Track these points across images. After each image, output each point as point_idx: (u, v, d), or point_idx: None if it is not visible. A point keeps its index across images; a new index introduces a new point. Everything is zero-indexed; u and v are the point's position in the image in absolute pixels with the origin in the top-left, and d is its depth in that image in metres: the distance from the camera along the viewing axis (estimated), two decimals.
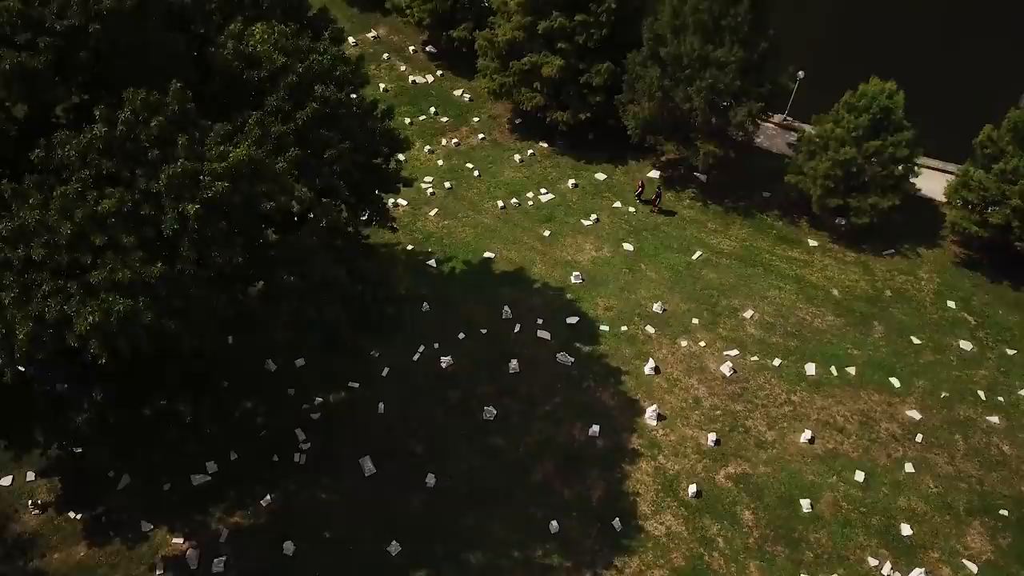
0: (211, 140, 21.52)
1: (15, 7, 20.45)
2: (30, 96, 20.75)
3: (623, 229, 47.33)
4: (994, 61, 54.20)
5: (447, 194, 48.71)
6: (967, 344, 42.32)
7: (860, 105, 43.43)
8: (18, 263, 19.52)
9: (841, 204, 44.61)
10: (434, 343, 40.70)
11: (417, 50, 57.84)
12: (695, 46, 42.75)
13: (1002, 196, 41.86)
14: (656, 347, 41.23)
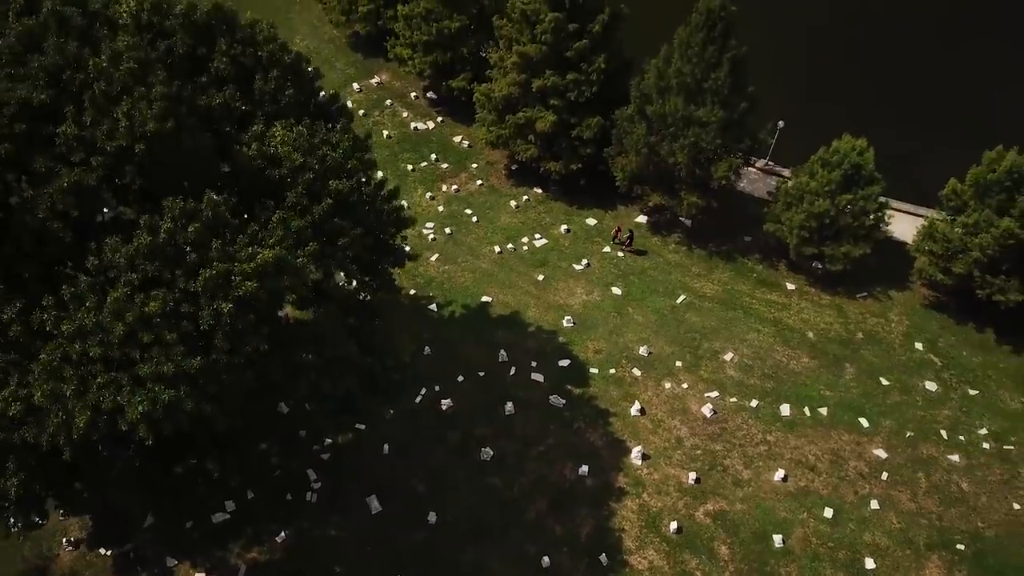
0: (241, 241, 24.59)
1: (71, 132, 23.50)
2: (82, 206, 23.77)
3: (612, 273, 50.37)
4: (967, 109, 57.51)
5: (447, 239, 51.75)
6: (932, 385, 45.37)
7: (833, 161, 46.47)
8: (76, 358, 22.57)
9: (816, 252, 47.65)
10: (435, 385, 43.76)
11: (418, 96, 60.82)
12: (679, 106, 45.79)
13: (964, 247, 44.89)
14: (642, 389, 44.28)
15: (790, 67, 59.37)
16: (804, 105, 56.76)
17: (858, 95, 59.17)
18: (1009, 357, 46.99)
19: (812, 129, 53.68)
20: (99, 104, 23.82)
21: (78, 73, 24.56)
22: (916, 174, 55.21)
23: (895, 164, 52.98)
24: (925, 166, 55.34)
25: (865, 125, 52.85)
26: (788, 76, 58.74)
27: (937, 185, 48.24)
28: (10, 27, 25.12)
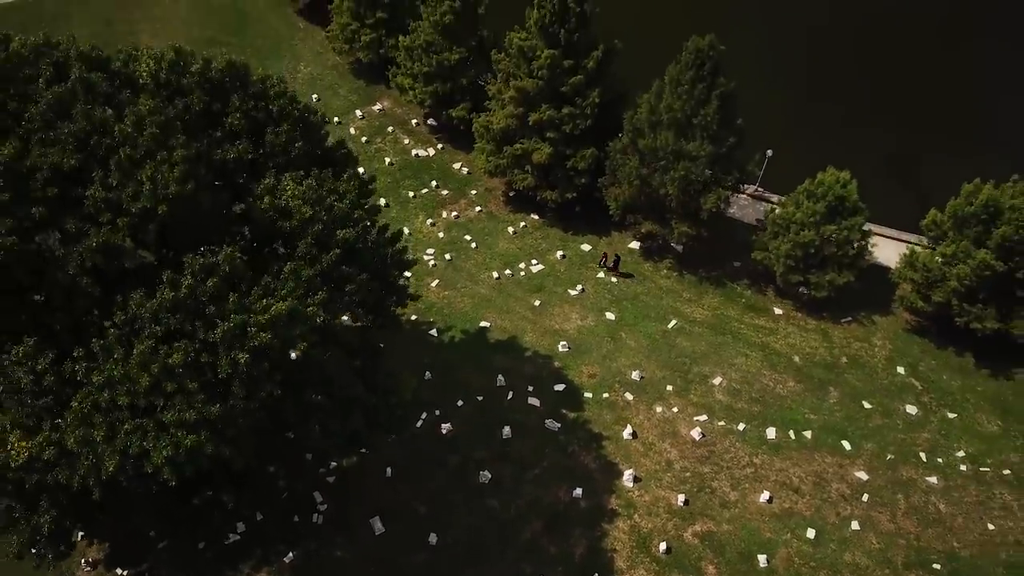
0: (255, 293, 26.51)
1: (100, 195, 25.42)
2: (109, 263, 25.69)
3: (606, 298, 52.28)
4: (949, 140, 59.56)
5: (447, 265, 53.66)
6: (913, 408, 47.29)
7: (818, 192, 48.41)
8: (105, 405, 24.48)
9: (802, 280, 49.57)
10: (435, 410, 45.68)
11: (419, 123, 62.71)
12: (669, 141, 47.72)
13: (943, 277, 46.82)
14: (634, 413, 46.20)
15: (779, 94, 61.34)
16: (793, 131, 58.78)
17: (848, 117, 61.05)
18: (987, 381, 48.90)
19: (800, 155, 56.08)
20: (125, 168, 25.74)
21: (104, 138, 26.49)
22: (902, 199, 57.12)
23: (880, 193, 55.10)
24: (910, 192, 57.44)
25: (853, 150, 55.33)
26: (777, 103, 60.77)
27: (925, 206, 50.11)
28: (41, 94, 27.04)
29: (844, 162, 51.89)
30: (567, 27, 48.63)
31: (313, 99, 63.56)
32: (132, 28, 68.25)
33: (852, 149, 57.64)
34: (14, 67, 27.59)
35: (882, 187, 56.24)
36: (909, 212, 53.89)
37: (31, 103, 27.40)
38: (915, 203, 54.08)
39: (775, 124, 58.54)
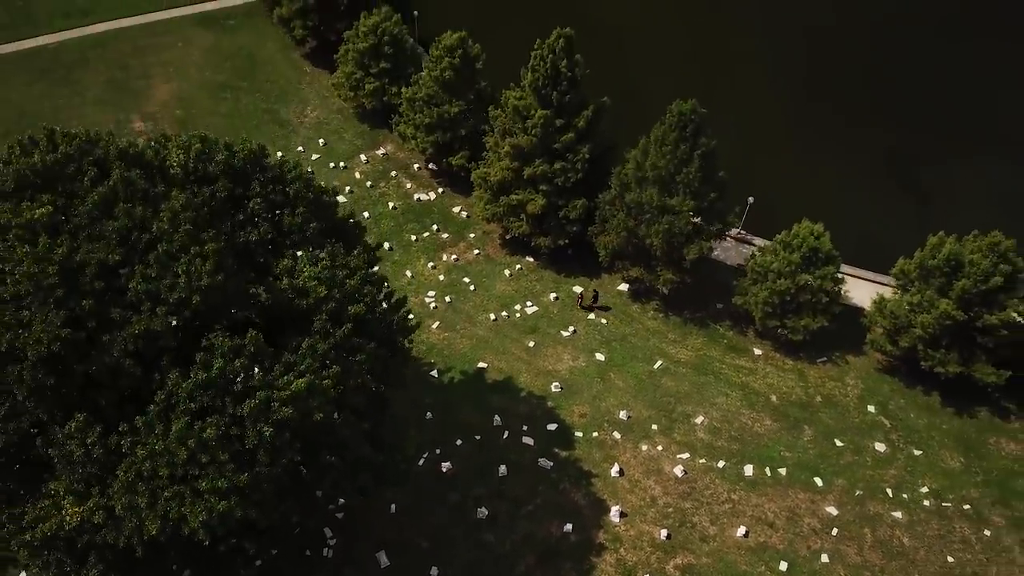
0: (277, 370, 29.97)
1: (142, 288, 28.87)
2: (148, 345, 29.16)
3: (596, 339, 55.73)
4: (922, 189, 63.28)
5: (447, 307, 57.10)
6: (881, 446, 50.75)
7: (793, 243, 51.87)
8: (147, 474, 27.91)
9: (779, 324, 53.01)
10: (436, 449, 49.11)
11: (421, 167, 66.08)
12: (654, 196, 51.17)
13: (909, 324, 50.26)
14: (621, 451, 49.65)
15: (762, 140, 64.85)
16: (774, 178, 62.13)
17: (827, 164, 64.50)
18: (952, 419, 52.39)
19: (783, 198, 59.80)
20: (163, 262, 29.18)
21: (144, 233, 29.94)
22: (877, 242, 60.45)
23: (856, 236, 58.73)
24: (885, 236, 60.82)
25: (833, 196, 59.10)
26: (761, 148, 64.29)
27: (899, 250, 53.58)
28: (87, 192, 30.49)
29: (823, 207, 55.87)
30: (559, 89, 52.06)
31: (320, 143, 66.95)
32: (147, 72, 71.59)
33: (832, 195, 61.49)
34: (61, 167, 30.98)
35: (860, 230, 59.92)
36: (884, 255, 57.12)
37: (76, 199, 30.85)
38: (890, 246, 57.35)
39: (759, 169, 62.05)
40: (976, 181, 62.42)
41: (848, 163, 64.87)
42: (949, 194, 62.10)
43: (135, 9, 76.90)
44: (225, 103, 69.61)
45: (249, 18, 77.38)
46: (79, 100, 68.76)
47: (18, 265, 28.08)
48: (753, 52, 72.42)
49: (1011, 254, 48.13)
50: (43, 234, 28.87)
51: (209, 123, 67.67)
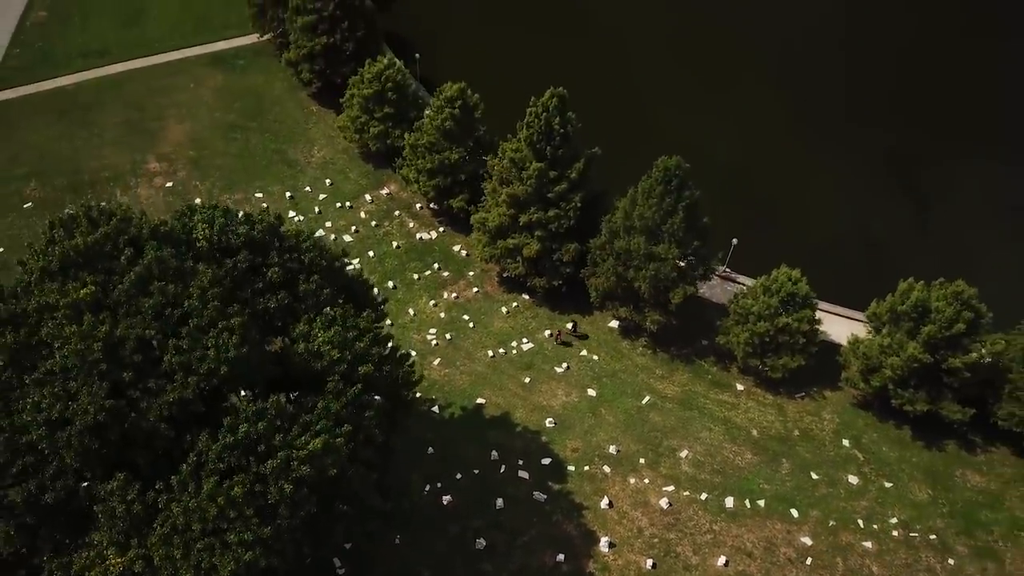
0: (295, 431, 33.43)
1: (176, 360, 32.34)
2: (181, 411, 32.61)
3: (588, 375, 59.16)
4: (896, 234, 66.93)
5: (448, 344, 60.52)
6: (854, 478, 54.18)
7: (773, 288, 55.30)
8: (181, 528, 31.36)
9: (759, 363, 56.46)
10: (437, 482, 52.53)
11: (423, 207, 69.47)
12: (641, 245, 54.61)
13: (880, 364, 53.69)
14: (611, 484, 53.09)
15: (749, 179, 68.45)
16: (758, 220, 65.68)
17: (806, 210, 68.07)
18: (922, 452, 55.85)
19: (767, 238, 63.31)
20: (194, 336, 32.63)
21: (176, 309, 33.39)
22: (857, 281, 63.90)
23: (835, 276, 62.34)
24: (864, 276, 64.34)
25: (814, 239, 62.68)
26: (745, 189, 67.90)
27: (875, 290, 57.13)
28: (124, 271, 33.94)
29: (804, 248, 59.52)
30: (552, 144, 55.52)
31: (327, 183, 70.34)
32: (161, 113, 74.96)
33: (812, 238, 65.14)
34: (100, 246, 34.42)
35: (838, 269, 63.53)
36: (862, 293, 60.43)
37: (115, 275, 34.30)
38: (868, 287, 60.77)
39: (746, 209, 65.69)
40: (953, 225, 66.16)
41: (828, 206, 68.43)
42: (920, 240, 65.84)
43: (149, 49, 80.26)
44: (236, 143, 72.97)
45: (257, 57, 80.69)
46: (97, 141, 72.10)
47: (66, 342, 31.51)
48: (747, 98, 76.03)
49: (974, 301, 51.54)
50: (87, 312, 32.31)
51: (221, 163, 71.19)
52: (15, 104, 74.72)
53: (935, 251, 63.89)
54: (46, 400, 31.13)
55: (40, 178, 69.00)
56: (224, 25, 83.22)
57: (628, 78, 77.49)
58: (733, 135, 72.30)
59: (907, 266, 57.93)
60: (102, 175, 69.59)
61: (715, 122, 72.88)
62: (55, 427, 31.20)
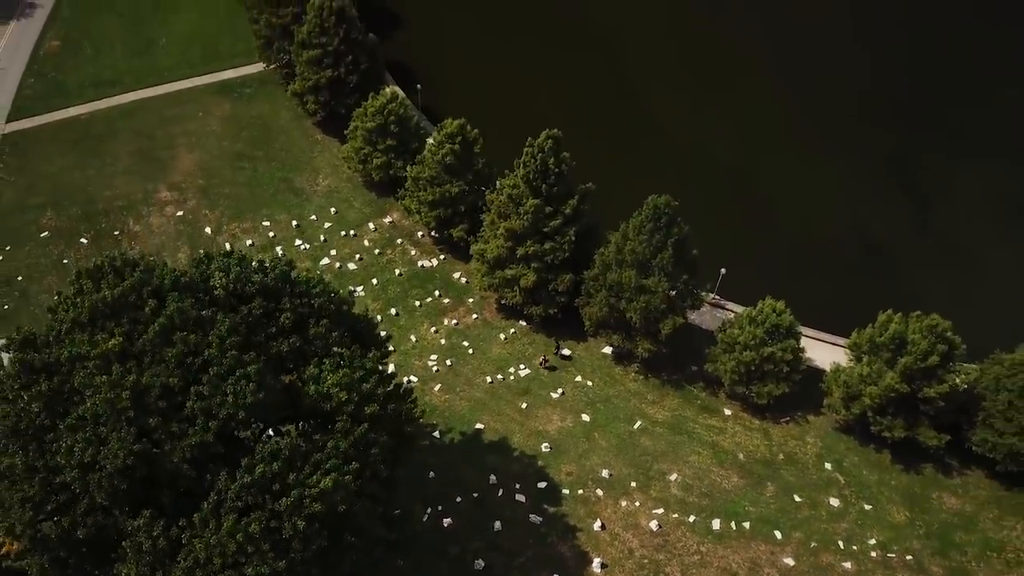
0: (306, 470, 36.12)
1: (198, 406, 35.06)
2: (202, 453, 35.32)
3: (583, 401, 61.85)
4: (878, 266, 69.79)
5: (448, 370, 63.21)
6: (835, 501, 56.87)
7: (758, 319, 57.99)
8: (203, 561, 34.06)
9: (746, 390, 59.17)
10: (438, 506, 55.23)
11: (424, 234, 72.09)
12: (632, 278, 57.32)
13: (860, 393, 56.38)
14: (603, 507, 55.79)
15: (734, 215, 71.27)
16: (745, 249, 68.43)
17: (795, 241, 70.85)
18: (900, 475, 58.54)
19: (755, 268, 66.12)
20: (214, 383, 35.35)
21: (197, 358, 36.10)
22: (841, 308, 66.59)
23: (821, 303, 65.12)
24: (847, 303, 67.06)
25: (799, 269, 65.54)
26: (732, 221, 70.68)
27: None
28: (148, 319, 36.64)
29: (789, 277, 62.47)
30: (548, 182, 58.23)
31: (332, 212, 72.99)
32: (171, 142, 77.60)
33: (798, 268, 67.91)
34: (126, 297, 37.12)
35: (823, 297, 66.29)
36: (846, 320, 63.18)
37: (140, 324, 37.02)
38: (851, 312, 63.50)
39: (734, 240, 68.47)
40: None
41: (814, 234, 71.19)
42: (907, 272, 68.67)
43: (159, 79, 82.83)
44: (244, 172, 75.62)
45: (263, 86, 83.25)
46: (110, 170, 74.74)
47: (97, 391, 34.22)
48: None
49: (948, 334, 54.24)
50: (115, 362, 35.02)
51: (230, 192, 73.87)
52: (31, 134, 77.33)
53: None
54: (79, 445, 33.83)
55: (55, 208, 71.64)
56: (232, 54, 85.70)
57: (626, 99, 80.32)
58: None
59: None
60: (115, 204, 72.23)
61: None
62: (87, 469, 33.90)
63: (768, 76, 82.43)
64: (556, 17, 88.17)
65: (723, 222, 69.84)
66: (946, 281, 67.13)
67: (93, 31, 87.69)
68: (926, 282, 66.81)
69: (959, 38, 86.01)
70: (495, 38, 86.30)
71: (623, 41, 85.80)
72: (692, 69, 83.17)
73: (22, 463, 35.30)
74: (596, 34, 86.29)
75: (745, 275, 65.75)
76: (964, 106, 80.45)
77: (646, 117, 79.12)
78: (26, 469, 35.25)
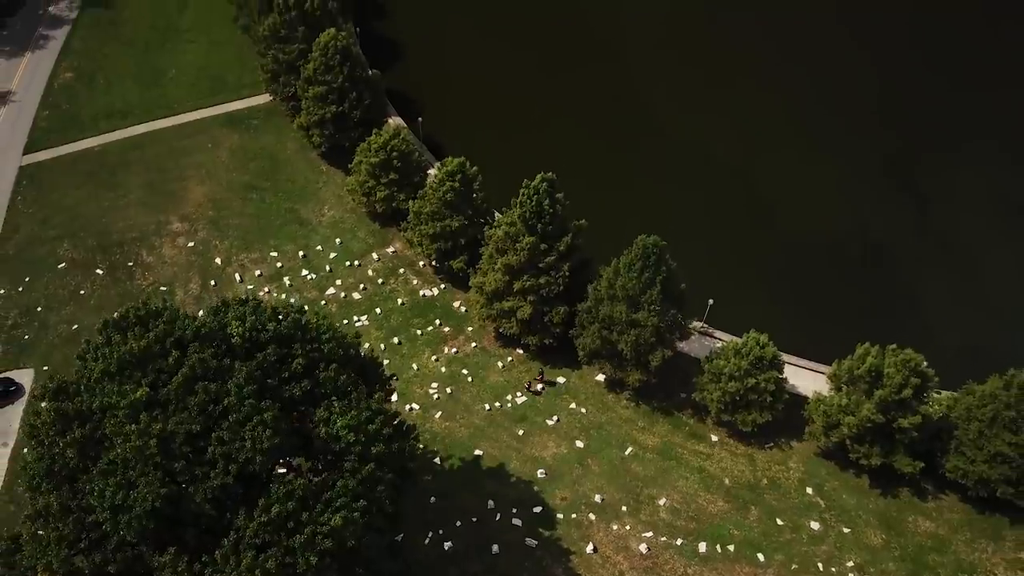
0: (319, 508, 39.21)
1: (219, 451, 38.15)
2: (224, 493, 38.42)
3: (577, 427, 64.93)
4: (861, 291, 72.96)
5: (448, 398, 66.27)
6: (816, 524, 59.96)
7: (743, 351, 61.08)
8: None
9: (731, 418, 62.27)
10: (439, 529, 58.32)
11: (425, 264, 75.10)
12: (623, 313, 60.42)
13: (839, 422, 59.48)
14: (595, 531, 58.87)
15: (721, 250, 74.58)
16: (733, 283, 71.55)
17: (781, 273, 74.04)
18: (878, 499, 61.61)
19: (740, 297, 69.26)
20: (234, 429, 38.44)
21: (217, 405, 39.19)
22: (823, 337, 69.71)
23: (805, 332, 68.31)
24: (826, 329, 70.22)
25: (784, 300, 68.72)
26: (720, 252, 73.85)
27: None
28: (172, 368, 39.73)
29: (775, 307, 65.81)
30: (543, 221, 61.33)
31: (337, 242, 76.01)
32: (182, 174, 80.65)
33: (783, 299, 71.02)
34: (151, 348, 40.21)
35: (807, 326, 69.45)
36: (827, 347, 66.35)
37: (164, 374, 40.12)
38: (832, 341, 66.62)
39: (722, 270, 71.65)
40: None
41: (798, 269, 74.36)
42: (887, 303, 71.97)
43: (169, 110, 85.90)
44: (252, 203, 78.68)
45: (270, 117, 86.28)
46: (123, 202, 77.79)
47: (126, 439, 37.31)
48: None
49: (922, 367, 57.35)
50: (143, 411, 38.11)
51: (238, 223, 76.92)
52: (46, 166, 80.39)
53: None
54: (110, 488, 36.92)
55: (72, 239, 74.70)
56: (239, 85, 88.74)
57: (625, 116, 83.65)
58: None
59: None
60: (129, 235, 75.29)
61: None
62: (118, 511, 36.99)
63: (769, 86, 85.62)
64: (558, 41, 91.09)
65: (712, 243, 72.97)
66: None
67: (104, 62, 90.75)
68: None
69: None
70: (495, 66, 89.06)
71: (625, 65, 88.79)
72: (691, 87, 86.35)
73: (57, 503, 38.41)
74: (596, 62, 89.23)
75: (733, 303, 68.87)
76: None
77: (643, 135, 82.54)
78: (61, 509, 38.36)
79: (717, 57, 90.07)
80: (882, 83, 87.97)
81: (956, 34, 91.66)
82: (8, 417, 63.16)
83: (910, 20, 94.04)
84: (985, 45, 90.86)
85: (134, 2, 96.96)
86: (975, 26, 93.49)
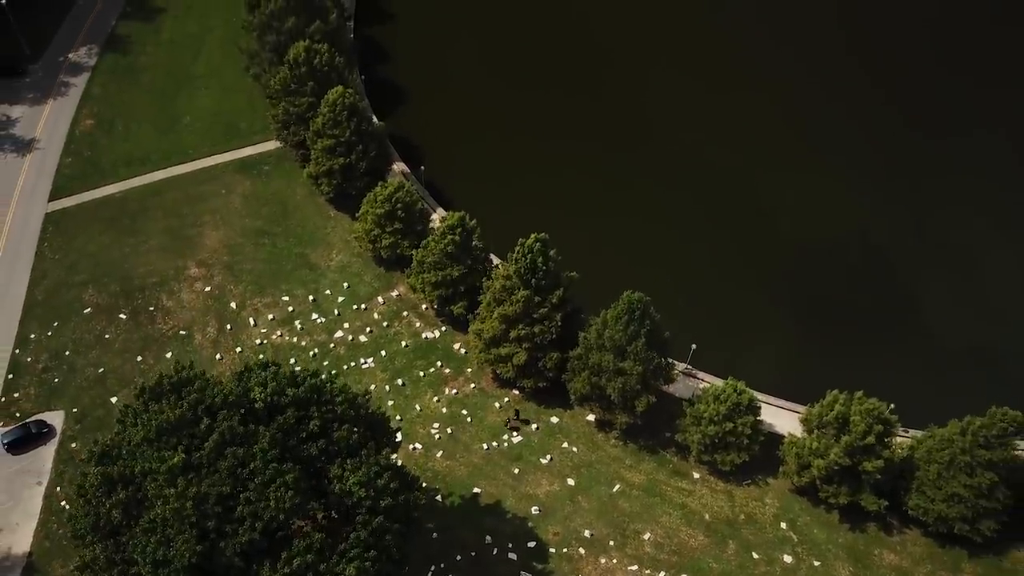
0: (334, 559, 44.22)
1: (247, 511, 43.14)
2: (251, 547, 43.44)
3: (568, 466, 69.92)
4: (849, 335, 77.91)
5: (448, 438, 71.25)
6: (789, 558, 64.98)
7: (721, 397, 66.10)
8: None
9: (711, 459, 67.30)
10: (440, 563, 63.35)
11: (428, 307, 79.99)
12: (611, 361, 65.45)
13: (810, 463, 64.49)
14: (585, 564, 63.90)
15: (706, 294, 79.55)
16: (716, 321, 76.55)
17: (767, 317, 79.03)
18: (847, 534, 66.63)
19: (724, 341, 74.29)
20: (259, 491, 43.46)
21: (244, 468, 44.21)
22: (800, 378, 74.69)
23: (785, 372, 73.34)
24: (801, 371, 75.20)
25: (769, 338, 73.75)
26: (705, 295, 78.86)
27: None
28: (203, 434, 44.75)
29: (756, 349, 71.05)
30: (536, 276, 66.37)
31: (344, 286, 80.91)
32: (198, 220, 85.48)
33: (768, 337, 75.99)
34: (185, 415, 45.24)
35: (784, 367, 74.45)
36: (804, 388, 71.40)
37: (196, 438, 45.16)
38: (808, 382, 71.58)
39: (709, 312, 76.75)
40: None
41: (780, 312, 79.30)
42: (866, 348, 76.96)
43: (184, 156, 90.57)
44: (264, 248, 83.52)
45: (280, 162, 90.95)
46: (144, 248, 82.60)
47: (166, 501, 42.34)
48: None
49: (885, 415, 62.35)
50: (180, 475, 43.14)
51: (252, 268, 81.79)
52: (70, 213, 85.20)
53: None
54: (151, 545, 41.95)
55: (96, 285, 79.58)
56: (251, 131, 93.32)
57: (620, 168, 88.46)
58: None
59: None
60: (150, 280, 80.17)
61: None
62: (158, 565, 42.02)
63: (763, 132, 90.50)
64: (558, 83, 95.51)
65: (697, 283, 78.28)
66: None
67: (123, 108, 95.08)
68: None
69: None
70: (496, 106, 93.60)
71: (623, 108, 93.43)
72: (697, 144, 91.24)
73: (104, 556, 43.44)
74: (597, 102, 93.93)
75: (715, 346, 73.93)
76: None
77: (638, 179, 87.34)
78: (107, 561, 43.39)
79: (724, 118, 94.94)
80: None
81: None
82: (42, 457, 68.14)
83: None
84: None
85: (151, 48, 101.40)
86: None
